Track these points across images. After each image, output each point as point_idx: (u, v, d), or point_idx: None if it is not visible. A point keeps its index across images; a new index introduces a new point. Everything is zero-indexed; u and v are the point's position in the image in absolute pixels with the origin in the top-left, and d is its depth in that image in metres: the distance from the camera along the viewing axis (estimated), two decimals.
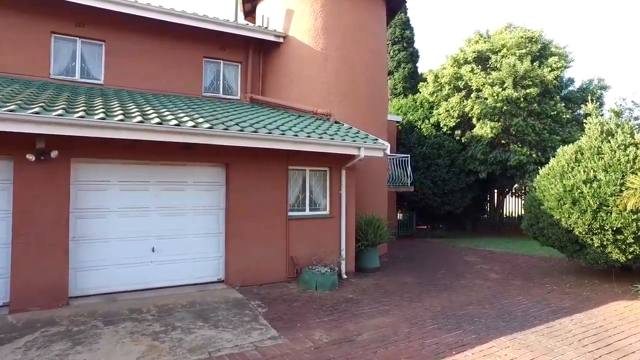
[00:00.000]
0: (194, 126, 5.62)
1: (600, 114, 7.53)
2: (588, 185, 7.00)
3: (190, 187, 6.65)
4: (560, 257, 9.78)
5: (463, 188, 15.75)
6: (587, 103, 8.24)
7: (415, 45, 21.73)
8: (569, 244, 7.60)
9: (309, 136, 6.55)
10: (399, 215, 18.55)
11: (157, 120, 5.46)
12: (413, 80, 20.81)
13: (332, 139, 6.79)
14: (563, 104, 14.57)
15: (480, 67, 15.53)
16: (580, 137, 7.96)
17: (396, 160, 11.89)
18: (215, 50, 9.45)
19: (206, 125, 5.79)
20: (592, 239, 7.08)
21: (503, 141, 14.55)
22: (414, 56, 21.34)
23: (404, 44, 21.05)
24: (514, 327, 5.14)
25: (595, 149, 7.40)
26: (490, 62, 15.75)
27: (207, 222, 6.74)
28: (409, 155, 11.69)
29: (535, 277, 8.35)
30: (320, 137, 6.67)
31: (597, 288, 7.28)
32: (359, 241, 8.21)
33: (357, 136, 7.34)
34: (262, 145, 6.25)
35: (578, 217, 7.07)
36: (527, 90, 14.06)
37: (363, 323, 5.23)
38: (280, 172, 7.13)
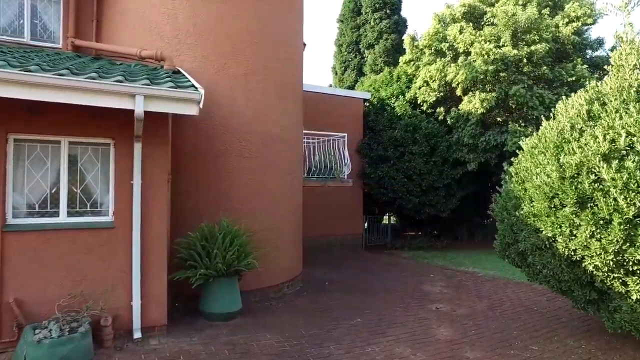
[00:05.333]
0: None
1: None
2: (614, 163, 3.20)
3: None
4: None
5: (449, 184, 11.85)
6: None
7: (403, 13, 17.95)
8: (575, 286, 3.75)
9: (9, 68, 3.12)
10: (391, 219, 15.22)
11: None
12: (398, 55, 16.94)
13: (72, 76, 3.29)
14: (586, 67, 10.42)
15: (471, 25, 11.60)
16: None
17: (329, 142, 8.23)
18: None
19: None
20: (624, 283, 3.26)
21: (499, 118, 10.57)
22: (399, 25, 17.50)
23: (387, 11, 17.26)
24: None
25: (633, 90, 3.55)
26: (484, 19, 11.78)
27: None
28: (345, 134, 8.00)
29: (518, 338, 4.56)
30: (37, 73, 3.20)
31: None
32: (191, 268, 4.69)
33: (149, 78, 3.82)
34: None
35: (592, 236, 3.26)
36: (533, 48, 10.04)
37: None
38: None
